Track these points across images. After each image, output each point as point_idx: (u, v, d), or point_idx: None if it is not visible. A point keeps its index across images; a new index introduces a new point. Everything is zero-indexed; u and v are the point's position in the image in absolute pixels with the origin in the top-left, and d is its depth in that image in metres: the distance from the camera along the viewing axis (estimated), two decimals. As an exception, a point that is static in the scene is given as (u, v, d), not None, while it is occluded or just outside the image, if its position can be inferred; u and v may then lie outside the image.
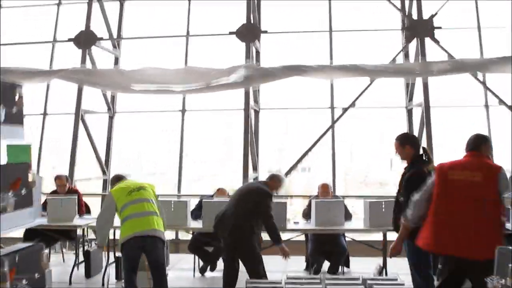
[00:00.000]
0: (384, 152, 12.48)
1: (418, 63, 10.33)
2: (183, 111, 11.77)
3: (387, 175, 12.80)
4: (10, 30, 12.32)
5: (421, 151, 5.76)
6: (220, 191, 8.74)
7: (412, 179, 5.48)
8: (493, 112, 11.23)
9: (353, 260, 8.76)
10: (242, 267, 6.72)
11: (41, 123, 11.97)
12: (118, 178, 6.54)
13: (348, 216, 8.41)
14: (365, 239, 9.21)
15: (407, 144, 5.72)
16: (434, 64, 10.09)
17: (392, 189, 12.03)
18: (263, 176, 11.39)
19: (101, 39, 11.37)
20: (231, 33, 10.88)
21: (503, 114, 10.79)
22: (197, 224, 8.14)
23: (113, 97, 12.05)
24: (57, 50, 12.36)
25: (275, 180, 7.02)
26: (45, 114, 12.03)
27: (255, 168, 11.12)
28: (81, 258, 8.42)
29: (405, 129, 11.48)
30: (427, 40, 10.68)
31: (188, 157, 12.82)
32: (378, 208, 7.75)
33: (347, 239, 8.62)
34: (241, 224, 6.58)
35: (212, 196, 8.74)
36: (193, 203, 8.62)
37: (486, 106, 11.31)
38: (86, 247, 8.57)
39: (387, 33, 11.81)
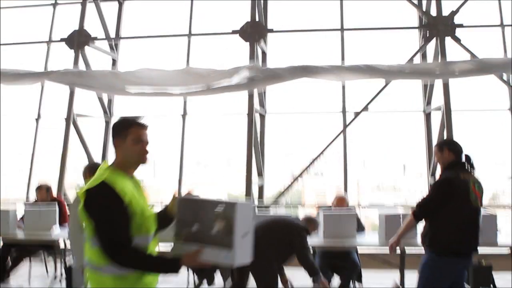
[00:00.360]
0: (398, 157, 11.56)
1: (438, 63, 9.28)
2: (184, 115, 10.82)
3: (400, 180, 11.81)
4: (6, 31, 11.43)
5: (463, 159, 4.99)
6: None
7: (436, 184, 5.04)
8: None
9: (366, 274, 7.59)
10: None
11: (35, 127, 11.02)
12: (92, 169, 5.30)
13: (360, 228, 7.34)
14: (379, 251, 8.06)
15: (445, 146, 5.03)
16: (455, 64, 9.00)
17: (405, 194, 11.42)
18: (268, 182, 10.59)
19: (95, 38, 10.40)
20: (234, 31, 9.89)
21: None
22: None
23: (110, 101, 11.13)
24: (53, 52, 11.46)
25: (310, 224, 6.22)
26: (38, 118, 11.08)
27: (260, 175, 10.08)
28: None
29: (422, 135, 10.47)
30: (447, 40, 9.63)
31: (200, 164, 12.25)
32: (395, 222, 6.66)
33: (359, 251, 7.54)
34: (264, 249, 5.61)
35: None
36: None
37: (512, 110, 10.25)
38: (68, 262, 7.58)
39: (403, 33, 10.79)
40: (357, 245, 7.04)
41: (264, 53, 10.79)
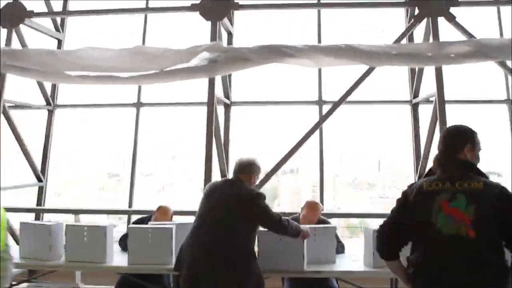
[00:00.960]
0: (380, 152, 9.75)
1: (431, 44, 7.46)
2: (138, 105, 8.91)
3: (375, 177, 10.03)
4: None
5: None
6: (162, 211, 5.84)
7: None
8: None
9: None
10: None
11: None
12: None
13: (339, 246, 5.54)
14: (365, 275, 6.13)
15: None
16: (451, 46, 7.19)
17: (381, 191, 9.68)
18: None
19: (33, 13, 8.38)
20: (193, 6, 7.95)
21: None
22: (121, 260, 5.24)
23: (54, 89, 9.17)
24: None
25: (250, 170, 4.62)
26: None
27: (224, 175, 8.16)
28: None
29: (409, 128, 8.71)
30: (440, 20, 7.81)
31: (176, 159, 10.28)
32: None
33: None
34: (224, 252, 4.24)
35: (149, 217, 5.85)
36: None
37: (509, 101, 8.53)
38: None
39: (388, 12, 8.94)
40: (338, 272, 5.19)
41: (230, 34, 8.93)
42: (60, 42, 9.34)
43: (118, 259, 5.29)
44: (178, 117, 9.57)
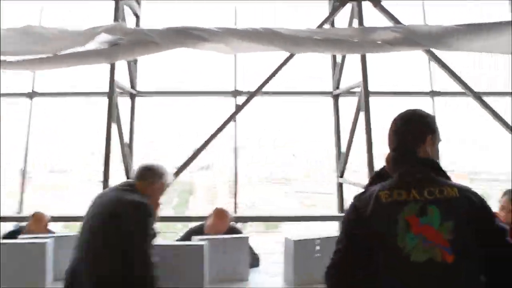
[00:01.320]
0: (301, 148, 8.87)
1: (356, 28, 6.70)
2: (32, 94, 7.67)
3: (293, 171, 9.16)
4: None
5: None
6: (35, 219, 4.68)
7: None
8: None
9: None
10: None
11: None
12: None
13: (253, 258, 4.61)
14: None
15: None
16: (378, 32, 6.41)
17: (299, 186, 8.90)
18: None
19: None
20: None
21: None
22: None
23: None
24: None
25: (152, 177, 3.47)
26: None
27: (128, 174, 7.06)
28: None
29: (331, 121, 7.99)
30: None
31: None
32: (310, 251, 3.99)
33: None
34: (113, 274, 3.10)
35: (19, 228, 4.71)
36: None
37: (432, 93, 7.88)
38: None
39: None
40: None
41: (137, 17, 7.86)
42: None
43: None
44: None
